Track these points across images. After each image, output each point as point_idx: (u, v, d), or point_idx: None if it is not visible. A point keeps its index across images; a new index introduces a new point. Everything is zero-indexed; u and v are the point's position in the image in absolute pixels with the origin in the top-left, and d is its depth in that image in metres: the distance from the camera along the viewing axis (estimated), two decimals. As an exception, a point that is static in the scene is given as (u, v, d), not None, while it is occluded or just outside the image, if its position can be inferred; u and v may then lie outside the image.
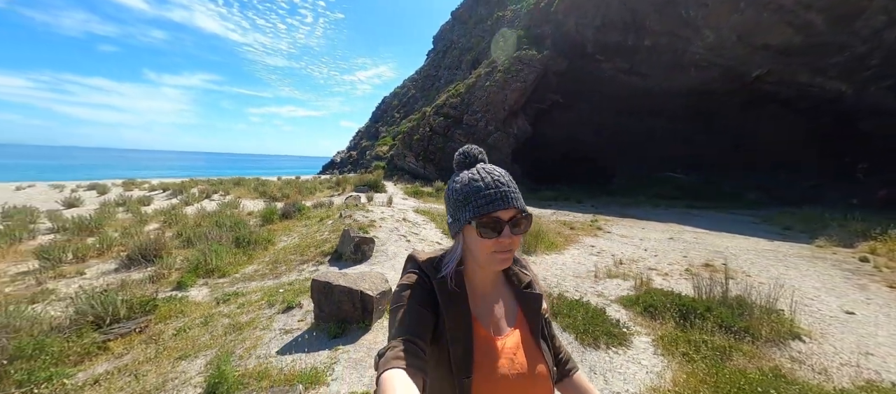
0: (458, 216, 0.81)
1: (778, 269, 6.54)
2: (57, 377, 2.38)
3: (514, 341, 0.84)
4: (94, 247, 5.34)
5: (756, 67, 20.09)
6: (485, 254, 0.79)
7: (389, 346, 0.69)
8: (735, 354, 3.13)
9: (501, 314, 0.87)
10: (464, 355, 0.76)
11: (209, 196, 12.20)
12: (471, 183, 0.80)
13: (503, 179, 0.80)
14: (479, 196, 0.78)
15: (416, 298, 0.78)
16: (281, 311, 3.16)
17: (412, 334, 0.71)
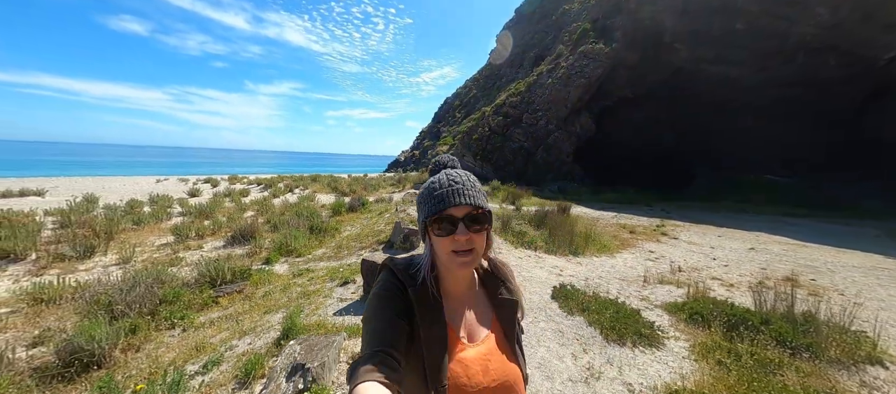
0: (419, 219, 0.84)
1: (889, 290, 5.56)
2: (188, 317, 3.30)
3: (488, 347, 0.83)
4: (209, 228, 6.78)
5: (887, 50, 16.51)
6: (444, 255, 0.79)
7: (363, 357, 0.68)
8: (786, 370, 2.93)
9: (476, 320, 0.87)
10: (438, 364, 0.76)
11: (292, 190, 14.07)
12: (429, 186, 0.83)
13: (459, 179, 0.81)
14: (432, 197, 0.80)
15: (390, 307, 0.77)
16: (339, 284, 3.83)
17: (387, 344, 0.70)
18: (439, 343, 0.77)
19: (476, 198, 0.79)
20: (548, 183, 18.88)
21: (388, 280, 0.83)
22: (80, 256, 5.10)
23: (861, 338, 3.43)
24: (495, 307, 0.89)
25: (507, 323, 0.88)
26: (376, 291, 0.81)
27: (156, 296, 3.43)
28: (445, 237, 0.77)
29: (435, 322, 0.79)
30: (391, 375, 0.65)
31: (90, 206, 8.21)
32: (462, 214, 0.77)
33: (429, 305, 0.79)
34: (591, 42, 20.57)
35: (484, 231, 0.81)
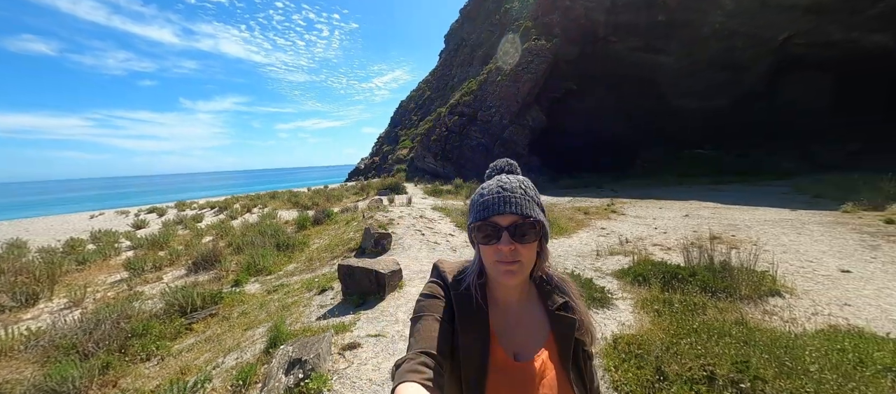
0: (468, 224, 0.82)
1: (790, 237, 6.61)
2: (162, 348, 3.25)
3: (538, 365, 0.77)
4: (165, 258, 6.46)
5: (782, 30, 19.13)
6: (489, 263, 0.76)
7: (406, 358, 0.67)
8: (708, 309, 3.52)
9: (528, 336, 0.81)
10: (476, 375, 0.73)
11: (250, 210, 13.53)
12: (479, 192, 0.80)
13: (508, 186, 0.78)
14: (479, 203, 0.78)
15: (435, 310, 0.76)
16: (317, 293, 3.93)
17: (430, 347, 0.69)
18: (479, 353, 0.74)
19: (524, 207, 0.75)
20: (508, 176, 19.68)
21: (434, 280, 0.83)
22: (22, 304, 4.70)
23: (766, 277, 4.16)
24: (552, 324, 0.82)
25: (564, 342, 0.80)
26: (423, 292, 0.81)
27: (124, 331, 3.34)
28: (489, 246, 0.75)
29: (476, 330, 0.76)
30: (432, 377, 0.63)
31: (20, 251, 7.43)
32: (507, 223, 0.74)
33: (471, 311, 0.77)
34: (533, 39, 21.67)
35: (533, 243, 0.76)
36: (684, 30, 21.08)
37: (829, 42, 18.54)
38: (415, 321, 0.76)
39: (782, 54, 20.23)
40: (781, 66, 20.82)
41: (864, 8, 16.61)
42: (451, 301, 0.78)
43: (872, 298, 3.81)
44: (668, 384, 2.03)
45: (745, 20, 19.62)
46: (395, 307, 3.33)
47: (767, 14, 19.03)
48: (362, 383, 2.11)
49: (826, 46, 18.77)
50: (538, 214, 0.78)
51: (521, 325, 0.82)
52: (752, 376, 2.01)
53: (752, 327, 3.08)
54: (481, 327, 0.77)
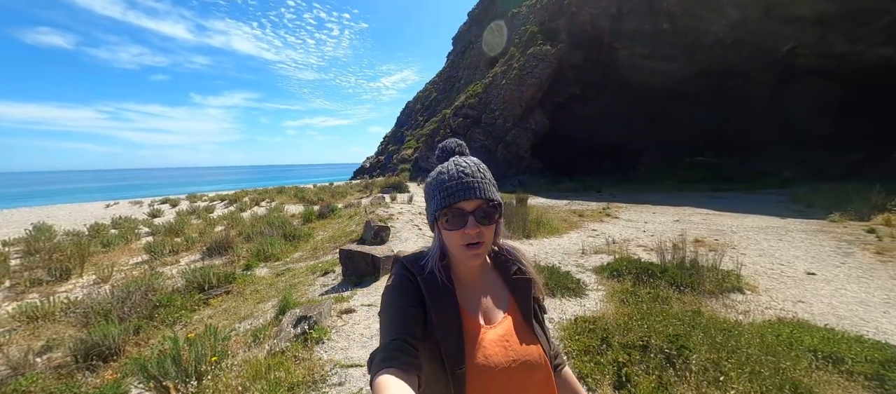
0: (429, 210, 0.84)
1: (770, 242, 6.93)
2: (184, 317, 3.72)
3: (505, 327, 0.83)
4: (181, 244, 6.97)
5: (787, 41, 19.25)
6: (454, 247, 0.80)
7: (381, 348, 0.69)
8: (672, 301, 3.89)
9: (492, 302, 0.86)
10: (455, 348, 0.77)
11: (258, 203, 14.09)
12: (438, 176, 0.82)
13: (469, 170, 0.80)
14: (442, 188, 0.79)
15: (403, 297, 0.78)
16: (321, 275, 4.39)
17: (403, 332, 0.71)
18: (454, 328, 0.78)
19: (487, 191, 0.79)
20: (509, 178, 20.04)
21: (398, 272, 0.84)
22: (57, 279, 5.22)
23: (731, 275, 4.52)
24: (511, 288, 0.89)
25: (524, 302, 0.88)
26: (388, 285, 0.83)
27: (151, 302, 3.81)
28: (455, 231, 0.78)
29: (447, 307, 0.79)
30: (410, 361, 0.66)
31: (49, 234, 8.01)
32: (472, 208, 0.77)
33: (439, 291, 0.80)
34: (538, 44, 22.02)
35: (494, 224, 0.81)
36: (688, 38, 21.27)
37: (834, 54, 18.62)
38: (384, 312, 0.78)
39: (786, 64, 20.34)
40: (785, 76, 20.93)
41: (868, 21, 16.69)
42: (417, 286, 0.80)
43: (827, 296, 4.16)
44: (607, 348, 2.42)
45: (749, 30, 19.76)
46: (387, 286, 3.78)
47: (772, 24, 19.17)
48: (354, 336, 2.60)
49: (830, 58, 18.86)
50: (497, 195, 0.82)
51: (484, 294, 0.87)
52: (679, 345, 2.39)
53: (704, 315, 3.45)
54: (451, 304, 0.80)
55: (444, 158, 0.87)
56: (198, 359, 1.98)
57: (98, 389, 2.25)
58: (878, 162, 17.07)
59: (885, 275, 4.82)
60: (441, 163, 0.86)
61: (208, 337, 2.19)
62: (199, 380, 1.94)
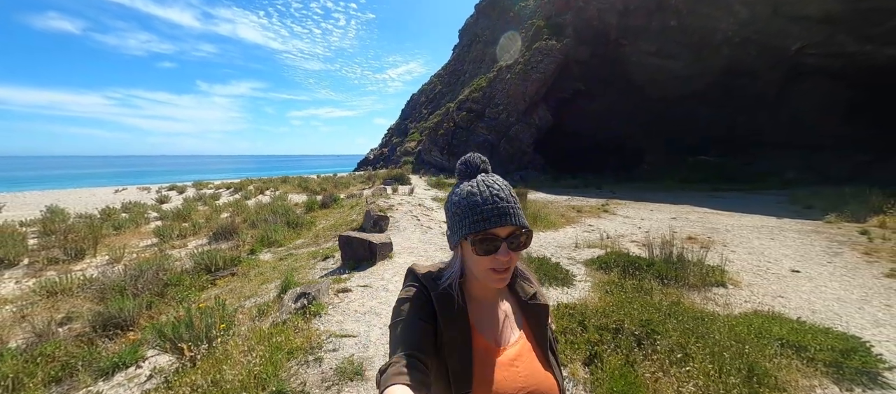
0: (455, 230, 0.81)
1: (762, 241, 7.05)
2: (192, 295, 3.97)
3: (516, 352, 0.82)
4: (189, 229, 7.25)
5: (795, 40, 19.02)
6: (481, 270, 0.78)
7: (391, 362, 0.68)
8: (655, 293, 4.07)
9: (504, 326, 0.85)
10: (462, 369, 0.75)
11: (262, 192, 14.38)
12: (469, 197, 0.80)
13: (502, 194, 0.79)
14: (475, 212, 0.77)
15: (415, 311, 0.77)
16: (321, 260, 4.63)
17: (413, 348, 0.70)
18: (463, 348, 0.77)
19: (520, 217, 0.78)
20: (511, 173, 20.15)
21: (411, 284, 0.83)
22: (72, 258, 5.50)
23: (716, 270, 4.68)
24: (524, 312, 0.88)
25: (538, 328, 0.86)
26: (400, 296, 0.81)
27: (161, 280, 4.06)
28: (485, 257, 0.76)
29: (458, 326, 0.78)
30: (419, 378, 0.65)
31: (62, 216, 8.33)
32: (506, 234, 0.76)
33: (452, 309, 0.79)
34: (544, 39, 21.95)
35: (522, 249, 0.80)
36: (696, 36, 21.06)
37: (843, 53, 18.38)
38: (395, 326, 0.77)
39: (794, 63, 20.12)
40: (792, 75, 20.70)
41: (879, 21, 16.46)
42: (430, 301, 0.79)
43: (806, 293, 4.31)
44: (583, 330, 2.61)
45: (757, 29, 19.53)
46: (382, 270, 4.00)
47: (780, 23, 18.94)
48: (349, 312, 2.85)
49: (839, 57, 18.62)
50: (525, 220, 0.80)
51: (497, 316, 0.85)
52: (650, 329, 2.58)
53: (682, 306, 3.63)
54: (462, 323, 0.79)
55: (469, 175, 0.84)
56: (208, 326, 2.20)
57: (117, 353, 2.48)
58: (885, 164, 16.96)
59: (868, 274, 4.95)
60: (466, 180, 0.84)
61: (217, 309, 2.41)
62: (210, 343, 2.16)
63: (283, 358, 2.05)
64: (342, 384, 2.00)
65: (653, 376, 2.19)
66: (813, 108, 20.80)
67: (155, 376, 2.20)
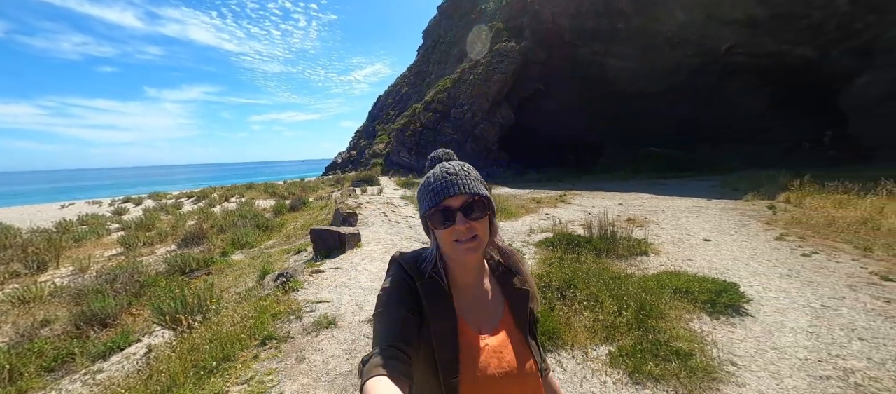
0: (421, 214, 0.85)
1: (689, 219, 8.10)
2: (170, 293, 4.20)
3: (500, 338, 0.83)
4: (155, 237, 7.23)
5: (725, 41, 21.17)
6: (447, 246, 0.80)
7: (373, 353, 0.68)
8: (590, 263, 4.78)
9: (488, 311, 0.86)
10: (450, 357, 0.76)
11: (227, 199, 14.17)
12: (426, 181, 0.84)
13: (453, 170, 0.82)
14: (428, 190, 0.81)
15: (398, 301, 0.77)
16: (294, 254, 4.98)
17: (396, 339, 0.70)
18: (449, 336, 0.78)
19: (471, 186, 0.80)
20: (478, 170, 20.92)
21: (395, 274, 0.84)
22: (35, 271, 5.43)
23: (642, 243, 5.50)
24: (507, 297, 0.89)
25: (520, 313, 0.88)
26: (384, 287, 0.82)
27: (137, 282, 4.24)
28: (445, 229, 0.79)
29: (444, 314, 0.80)
30: (401, 369, 0.65)
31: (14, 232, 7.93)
32: (459, 204, 0.78)
33: (437, 297, 0.80)
34: (504, 40, 22.94)
35: (484, 218, 0.81)
36: (641, 37, 22.85)
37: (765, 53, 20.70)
38: (378, 316, 0.77)
39: (726, 62, 22.36)
40: (725, 73, 22.99)
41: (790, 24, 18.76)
42: (414, 290, 0.81)
43: (710, 256, 5.21)
44: (517, 289, 3.23)
45: (694, 31, 21.53)
46: (351, 256, 4.46)
47: (713, 26, 21.00)
48: (323, 286, 3.33)
49: (762, 56, 20.93)
50: (483, 190, 0.82)
51: (481, 302, 0.87)
52: (571, 285, 3.23)
53: (609, 271, 4.35)
54: (448, 312, 0.80)
55: (433, 167, 0.88)
56: (201, 302, 2.54)
57: (111, 339, 2.76)
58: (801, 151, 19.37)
59: (762, 239, 5.99)
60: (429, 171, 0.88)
61: (207, 290, 2.76)
62: (204, 315, 2.50)
63: (269, 318, 2.45)
64: (319, 331, 2.46)
65: (566, 316, 2.81)
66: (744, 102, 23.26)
67: (152, 351, 2.51)
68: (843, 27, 16.86)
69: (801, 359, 2.56)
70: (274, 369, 2.21)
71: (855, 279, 3.98)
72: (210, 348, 2.14)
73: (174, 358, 2.13)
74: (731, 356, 2.62)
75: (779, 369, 2.46)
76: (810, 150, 18.92)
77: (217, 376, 2.02)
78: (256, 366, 2.19)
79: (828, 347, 2.70)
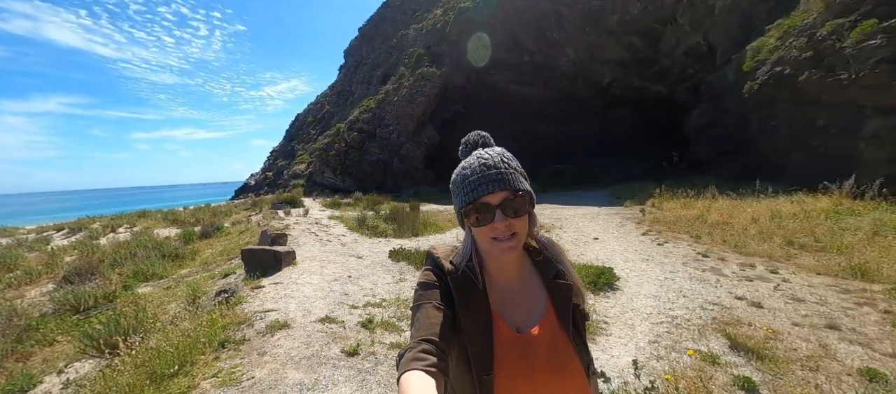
0: (456, 208, 0.82)
1: (584, 223, 9.70)
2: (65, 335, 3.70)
3: (541, 335, 0.79)
4: (21, 277, 5.97)
5: (605, 77, 25.71)
6: (485, 243, 0.77)
7: (409, 346, 0.68)
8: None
9: (527, 307, 0.83)
10: (483, 352, 0.74)
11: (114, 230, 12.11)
12: (461, 171, 0.80)
13: (491, 162, 0.78)
14: (465, 184, 0.77)
15: (433, 296, 0.76)
16: (221, 278, 4.75)
17: (429, 333, 0.69)
18: (483, 331, 0.76)
19: (512, 180, 0.76)
20: (406, 189, 21.43)
21: (429, 268, 0.83)
22: None
23: (547, 244, 6.56)
24: (549, 292, 0.85)
25: (563, 309, 0.83)
26: (419, 280, 0.82)
27: (17, 326, 3.62)
28: (483, 227, 0.75)
29: (477, 309, 0.77)
30: (437, 364, 0.64)
31: None
32: (498, 201, 0.75)
33: (470, 292, 0.78)
34: (426, 66, 24.27)
35: (525, 215, 0.78)
36: (544, 70, 26.40)
37: (632, 87, 25.65)
38: (415, 310, 0.77)
39: (609, 94, 27.05)
40: (609, 102, 27.77)
41: (647, 68, 23.70)
42: (447, 285, 0.79)
43: (597, 250, 6.47)
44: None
45: (582, 67, 25.70)
46: (289, 272, 4.50)
47: (595, 64, 25.35)
48: (267, 299, 3.42)
49: (632, 90, 25.88)
50: (524, 184, 0.79)
51: (520, 298, 0.84)
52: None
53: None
54: (482, 307, 0.78)
55: (468, 153, 0.85)
56: (139, 321, 2.44)
57: (9, 382, 2.45)
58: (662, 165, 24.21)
59: (634, 235, 7.59)
60: (463, 158, 0.84)
61: (139, 312, 2.64)
62: (144, 336, 2.40)
63: (219, 328, 2.48)
64: (274, 332, 2.61)
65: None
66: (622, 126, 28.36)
67: (72, 385, 2.30)
68: (681, 72, 21.85)
69: (647, 314, 3.57)
70: (239, 364, 2.32)
71: (687, 258, 5.46)
72: (165, 357, 2.12)
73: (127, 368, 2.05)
74: (605, 318, 3.51)
75: (633, 322, 3.41)
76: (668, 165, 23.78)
77: (182, 377, 2.03)
78: (220, 364, 2.27)
79: (664, 304, 3.78)
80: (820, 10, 9.82)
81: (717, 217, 7.83)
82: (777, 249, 5.33)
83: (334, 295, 3.72)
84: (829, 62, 8.91)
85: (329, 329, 2.83)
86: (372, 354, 2.61)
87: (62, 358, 2.72)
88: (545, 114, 29.40)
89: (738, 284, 4.16)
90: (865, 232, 5.47)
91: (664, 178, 16.52)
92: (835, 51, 8.74)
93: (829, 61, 8.93)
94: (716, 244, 6.06)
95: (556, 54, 25.27)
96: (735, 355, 2.57)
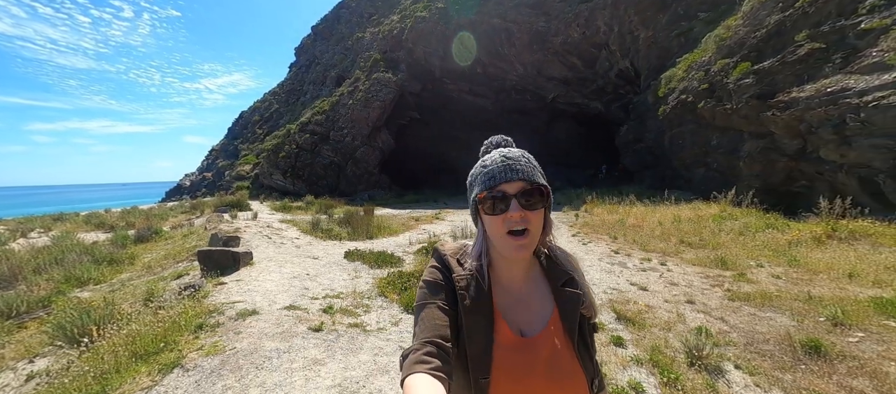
0: (470, 200, 0.81)
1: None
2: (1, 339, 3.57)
3: (543, 342, 0.78)
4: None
5: (551, 92, 27.88)
6: (498, 236, 0.76)
7: (413, 348, 0.67)
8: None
9: (532, 312, 0.82)
10: (481, 354, 0.73)
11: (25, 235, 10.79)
12: (481, 165, 0.81)
13: (513, 155, 0.79)
14: (485, 174, 0.78)
15: (437, 296, 0.75)
16: (174, 279, 4.76)
17: (434, 334, 0.69)
18: (483, 333, 0.75)
19: (530, 174, 0.77)
20: (360, 193, 21.40)
21: (434, 266, 0.83)
22: None
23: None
24: (557, 300, 0.83)
25: (570, 318, 0.81)
26: (423, 279, 0.81)
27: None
28: (497, 216, 0.75)
29: (478, 310, 0.76)
30: (440, 367, 0.64)
31: None
32: (515, 191, 0.75)
33: (474, 292, 0.77)
34: (382, 71, 24.50)
35: (540, 210, 0.78)
36: (496, 82, 27.93)
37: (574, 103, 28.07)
38: (418, 310, 0.76)
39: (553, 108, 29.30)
40: (553, 116, 30.06)
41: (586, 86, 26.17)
42: (451, 284, 0.78)
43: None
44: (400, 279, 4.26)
45: (530, 82, 27.63)
46: (249, 271, 4.69)
47: (541, 80, 27.39)
48: (232, 293, 3.68)
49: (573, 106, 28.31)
50: (543, 179, 0.80)
51: (526, 302, 0.83)
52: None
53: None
54: (485, 307, 0.77)
55: (489, 152, 0.86)
56: (110, 313, 2.58)
57: None
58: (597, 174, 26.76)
59: (566, 236, 8.63)
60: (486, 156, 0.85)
61: (106, 306, 2.77)
62: (118, 324, 2.54)
63: (192, 316, 2.69)
64: (245, 318, 2.91)
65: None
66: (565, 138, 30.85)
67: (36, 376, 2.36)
68: (614, 92, 24.42)
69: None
70: (219, 340, 2.65)
71: (603, 254, 6.50)
72: (147, 338, 2.32)
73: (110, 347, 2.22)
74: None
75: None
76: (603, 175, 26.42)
77: (168, 352, 2.25)
78: (201, 341, 2.55)
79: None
80: (713, 51, 11.93)
81: (633, 221, 9.20)
82: (671, 247, 6.57)
83: (295, 289, 4.06)
84: (719, 94, 10.88)
85: (295, 314, 3.20)
86: (334, 330, 3.06)
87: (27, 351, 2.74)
88: (496, 124, 30.94)
89: (635, 273, 5.18)
90: (735, 233, 6.94)
91: (598, 186, 18.45)
92: (722, 85, 10.71)
93: (718, 93, 10.91)
94: (627, 243, 7.23)
95: (507, 68, 26.89)
96: (617, 323, 3.39)
